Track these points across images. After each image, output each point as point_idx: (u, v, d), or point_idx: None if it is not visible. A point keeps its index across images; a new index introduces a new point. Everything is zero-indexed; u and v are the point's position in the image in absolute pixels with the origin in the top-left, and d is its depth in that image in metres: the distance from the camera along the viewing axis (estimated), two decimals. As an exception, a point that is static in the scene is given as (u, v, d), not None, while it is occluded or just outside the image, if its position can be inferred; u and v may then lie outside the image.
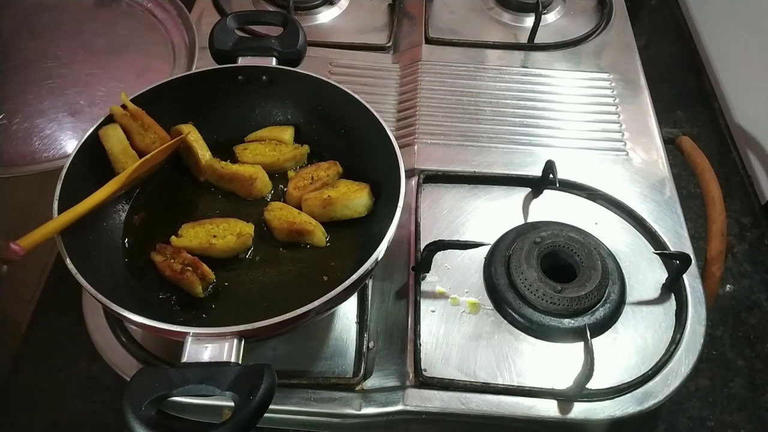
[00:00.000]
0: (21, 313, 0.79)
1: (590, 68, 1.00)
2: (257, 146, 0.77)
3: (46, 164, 0.80)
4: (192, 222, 0.70)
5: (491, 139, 0.89)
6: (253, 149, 0.77)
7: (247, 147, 0.78)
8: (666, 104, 1.05)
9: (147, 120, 0.72)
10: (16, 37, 0.95)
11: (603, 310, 0.70)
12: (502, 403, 0.65)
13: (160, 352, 0.67)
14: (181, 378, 0.51)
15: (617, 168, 0.86)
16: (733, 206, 0.92)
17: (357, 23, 1.07)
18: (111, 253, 0.68)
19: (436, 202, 0.82)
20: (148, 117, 0.72)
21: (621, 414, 0.64)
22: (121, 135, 0.70)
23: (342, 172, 0.76)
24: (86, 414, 0.71)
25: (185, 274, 0.65)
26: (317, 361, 0.68)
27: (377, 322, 0.71)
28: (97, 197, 0.65)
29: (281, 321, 0.54)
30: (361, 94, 0.74)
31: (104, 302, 0.56)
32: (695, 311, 0.71)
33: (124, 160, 0.70)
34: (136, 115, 0.71)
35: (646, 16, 1.25)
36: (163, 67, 0.93)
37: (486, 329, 0.70)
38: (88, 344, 0.68)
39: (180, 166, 0.77)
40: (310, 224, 0.70)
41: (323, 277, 0.68)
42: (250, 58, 0.78)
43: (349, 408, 0.65)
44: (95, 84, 0.90)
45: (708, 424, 0.73)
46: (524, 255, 0.72)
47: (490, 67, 0.99)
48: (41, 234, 0.59)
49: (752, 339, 0.80)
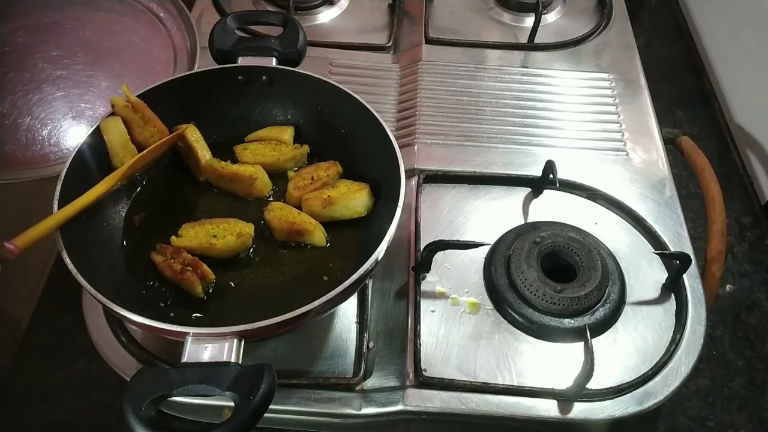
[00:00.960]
0: (21, 313, 0.79)
1: (590, 68, 1.00)
2: (257, 146, 0.77)
3: (47, 169, 0.79)
4: (192, 222, 0.70)
5: (491, 139, 0.89)
6: (253, 149, 0.77)
7: (247, 147, 0.78)
8: (666, 104, 1.05)
9: (147, 113, 0.72)
10: (16, 37, 0.94)
11: (603, 310, 0.70)
12: (502, 403, 0.65)
13: (160, 352, 0.67)
14: (181, 378, 0.51)
15: (617, 168, 0.86)
16: (733, 206, 0.92)
17: (357, 23, 1.07)
18: (111, 253, 0.68)
19: (436, 202, 0.82)
20: (148, 110, 0.72)
21: (621, 414, 0.64)
22: (122, 128, 0.70)
23: (342, 172, 0.76)
24: (86, 414, 0.71)
25: (185, 274, 0.65)
26: (317, 361, 0.68)
27: (377, 322, 0.71)
28: (93, 193, 0.65)
29: (281, 321, 0.54)
30: (361, 94, 0.74)
31: (104, 302, 0.56)
32: (695, 311, 0.71)
33: (122, 154, 0.70)
34: (137, 108, 0.71)
35: (646, 16, 1.24)
36: (164, 66, 0.93)
37: (486, 329, 0.70)
38: (88, 344, 0.68)
39: (180, 166, 0.77)
40: (310, 224, 0.70)
41: (323, 277, 0.68)
42: (250, 58, 0.78)
43: (349, 408, 0.65)
44: (96, 84, 0.90)
45: (708, 424, 0.73)
46: (524, 255, 0.72)
47: (490, 67, 0.99)
48: (38, 232, 0.59)
49: (752, 339, 0.80)
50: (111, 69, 0.93)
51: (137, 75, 0.92)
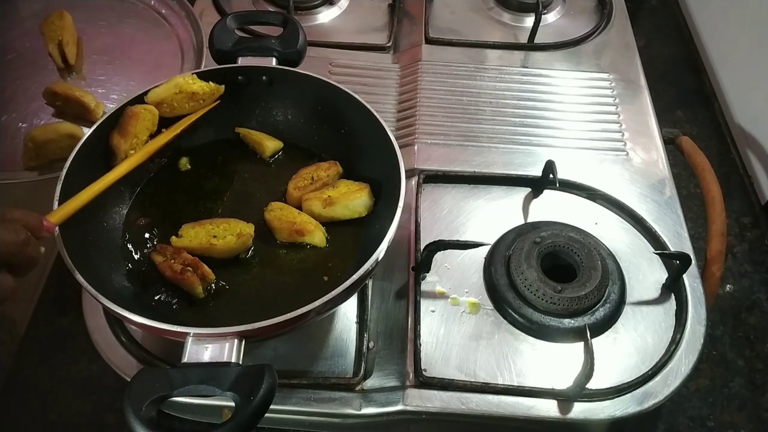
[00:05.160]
0: (21, 313, 0.79)
1: (590, 68, 1.00)
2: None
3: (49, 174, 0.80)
4: (192, 222, 0.70)
5: (491, 139, 0.89)
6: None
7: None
8: (666, 104, 1.05)
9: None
10: (22, 38, 0.95)
11: (603, 310, 0.70)
12: (502, 403, 0.65)
13: (161, 352, 0.67)
14: (182, 378, 0.51)
15: (617, 168, 0.86)
16: (733, 206, 0.92)
17: (357, 23, 1.07)
18: (111, 253, 0.68)
19: (436, 202, 0.82)
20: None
21: (621, 414, 0.64)
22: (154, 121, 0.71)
23: (342, 173, 0.76)
24: (86, 414, 0.71)
25: (185, 274, 0.65)
26: (317, 361, 0.68)
27: (377, 322, 0.71)
28: (128, 164, 0.67)
29: (282, 321, 0.54)
30: (361, 94, 0.74)
31: (104, 302, 0.55)
32: (695, 311, 0.71)
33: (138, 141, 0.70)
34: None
35: (646, 16, 1.24)
36: (172, 64, 0.93)
37: (486, 329, 0.70)
38: (88, 344, 0.68)
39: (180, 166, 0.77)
40: (311, 224, 0.70)
41: (323, 277, 0.68)
42: (250, 58, 0.77)
43: (349, 408, 0.65)
44: (105, 83, 0.91)
45: (708, 424, 0.73)
46: (524, 255, 0.72)
47: (490, 67, 0.99)
48: (72, 206, 0.60)
49: (752, 339, 0.80)
50: (119, 68, 0.93)
51: (146, 72, 0.92)
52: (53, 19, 0.93)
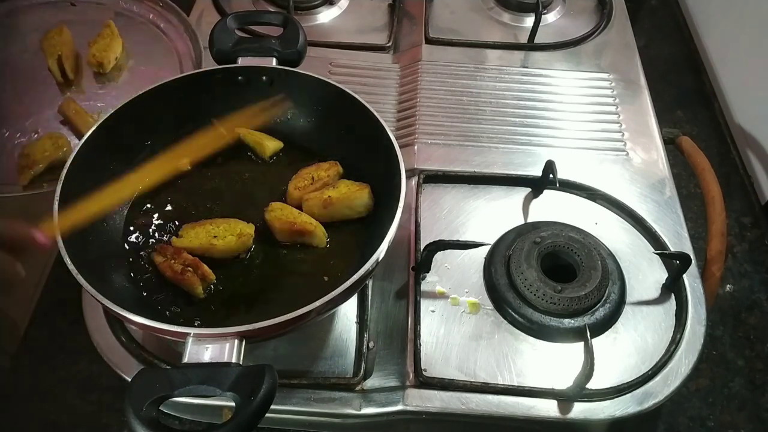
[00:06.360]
0: (21, 313, 0.79)
1: (590, 68, 1.00)
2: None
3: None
4: (192, 222, 0.70)
5: (491, 139, 0.89)
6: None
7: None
8: (666, 104, 1.05)
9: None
10: (22, 53, 0.95)
11: (603, 310, 0.70)
12: (502, 403, 0.65)
13: (161, 352, 0.67)
14: (182, 378, 0.51)
15: (617, 168, 0.86)
16: (733, 206, 0.92)
17: (357, 23, 1.07)
18: (111, 253, 0.68)
19: (436, 202, 0.82)
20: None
21: (621, 414, 0.64)
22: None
23: (342, 173, 0.76)
24: (86, 414, 0.71)
25: (186, 274, 0.65)
26: (317, 361, 0.68)
27: (377, 322, 0.71)
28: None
29: (282, 321, 0.54)
30: (361, 94, 0.73)
31: (104, 302, 0.55)
32: (695, 311, 0.71)
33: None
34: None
35: (646, 16, 1.24)
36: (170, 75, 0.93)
37: (486, 329, 0.70)
38: (88, 344, 0.68)
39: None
40: (311, 224, 0.70)
41: (324, 277, 0.68)
42: (250, 58, 0.77)
43: (349, 408, 0.65)
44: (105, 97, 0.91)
45: (708, 424, 0.73)
46: (524, 255, 0.72)
47: (490, 67, 0.99)
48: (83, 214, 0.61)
49: (752, 339, 0.80)
50: (119, 81, 0.94)
51: (143, 87, 0.92)
52: (53, 34, 0.93)
